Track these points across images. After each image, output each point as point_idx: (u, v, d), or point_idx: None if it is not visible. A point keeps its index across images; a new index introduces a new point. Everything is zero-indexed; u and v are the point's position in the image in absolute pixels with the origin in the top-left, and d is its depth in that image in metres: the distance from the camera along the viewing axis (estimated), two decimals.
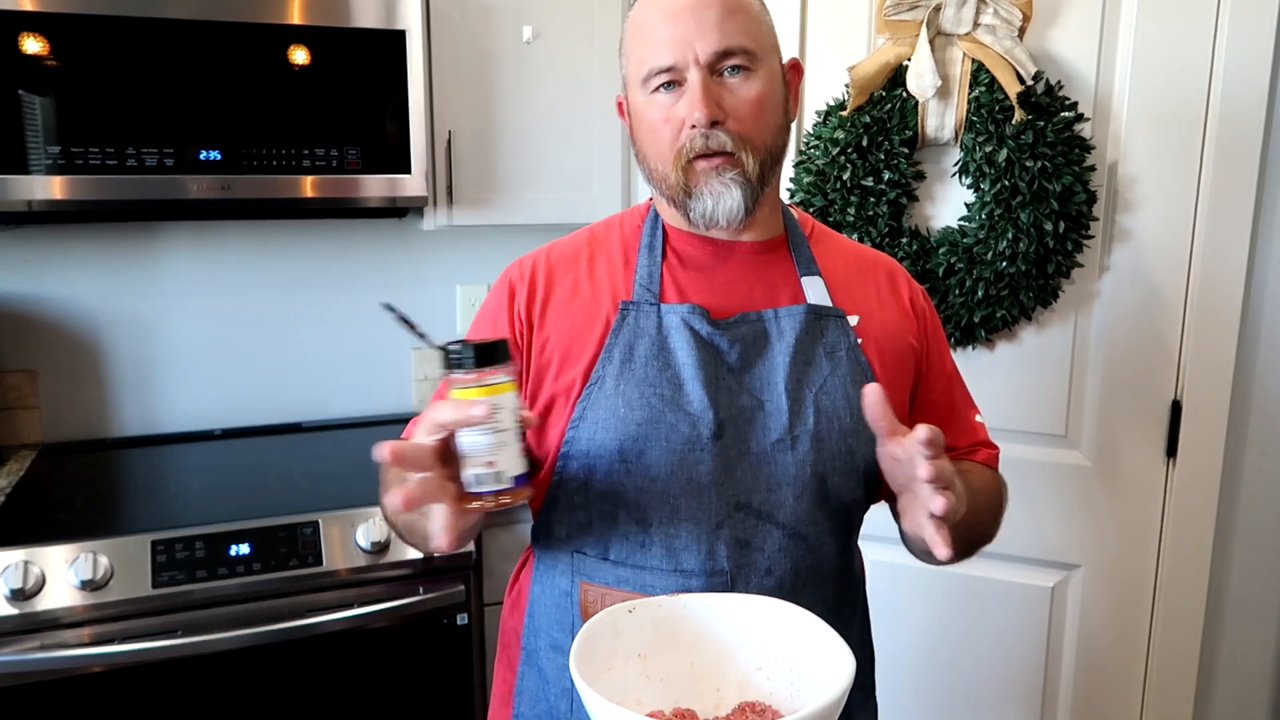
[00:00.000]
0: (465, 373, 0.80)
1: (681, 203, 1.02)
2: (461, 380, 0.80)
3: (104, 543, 1.59)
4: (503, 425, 0.80)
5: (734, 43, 0.97)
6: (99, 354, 2.15)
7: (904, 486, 0.90)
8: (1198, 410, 1.65)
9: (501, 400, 0.80)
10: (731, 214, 1.00)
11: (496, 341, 0.81)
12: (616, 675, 0.83)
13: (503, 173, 2.06)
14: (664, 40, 0.98)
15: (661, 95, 0.99)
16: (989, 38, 1.59)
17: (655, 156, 1.02)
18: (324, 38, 1.79)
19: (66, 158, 1.67)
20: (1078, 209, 1.59)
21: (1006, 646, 1.84)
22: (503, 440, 0.80)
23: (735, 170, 0.99)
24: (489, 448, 0.80)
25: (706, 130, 0.97)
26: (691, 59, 0.97)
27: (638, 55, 1.01)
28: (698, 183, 1.00)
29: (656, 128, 1.00)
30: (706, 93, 0.97)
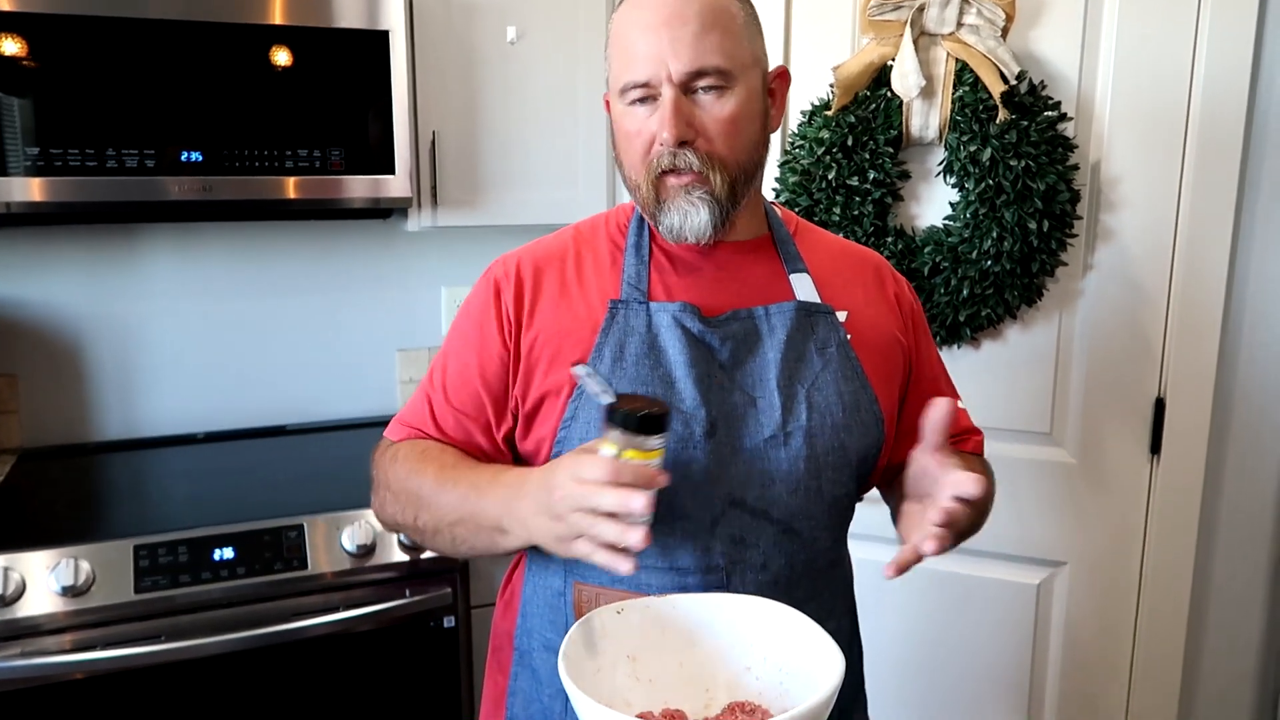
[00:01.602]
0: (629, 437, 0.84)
1: (652, 214, 1.03)
2: (625, 441, 0.84)
3: (85, 548, 1.58)
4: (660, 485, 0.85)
5: (707, 62, 0.96)
6: (80, 357, 2.12)
7: (914, 495, 0.93)
8: (1181, 407, 1.66)
9: (657, 463, 0.86)
10: (699, 232, 1.01)
11: (661, 413, 0.86)
12: (606, 677, 0.83)
13: (487, 173, 2.05)
14: (639, 55, 0.97)
15: (638, 107, 0.99)
16: (972, 38, 1.60)
17: (629, 165, 1.03)
18: (306, 38, 1.78)
19: (45, 159, 1.66)
20: (1061, 208, 1.60)
21: (993, 643, 1.84)
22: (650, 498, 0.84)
23: (704, 189, 0.99)
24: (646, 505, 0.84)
25: (674, 149, 0.97)
26: (665, 76, 0.96)
27: (616, 65, 1.01)
28: (667, 197, 1.00)
29: (630, 138, 1.01)
30: (677, 112, 0.96)
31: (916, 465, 0.92)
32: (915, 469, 0.93)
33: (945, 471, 0.87)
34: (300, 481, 1.91)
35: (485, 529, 0.96)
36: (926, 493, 0.91)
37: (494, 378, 1.05)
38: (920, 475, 0.92)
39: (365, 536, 1.68)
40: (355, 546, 1.68)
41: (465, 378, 1.07)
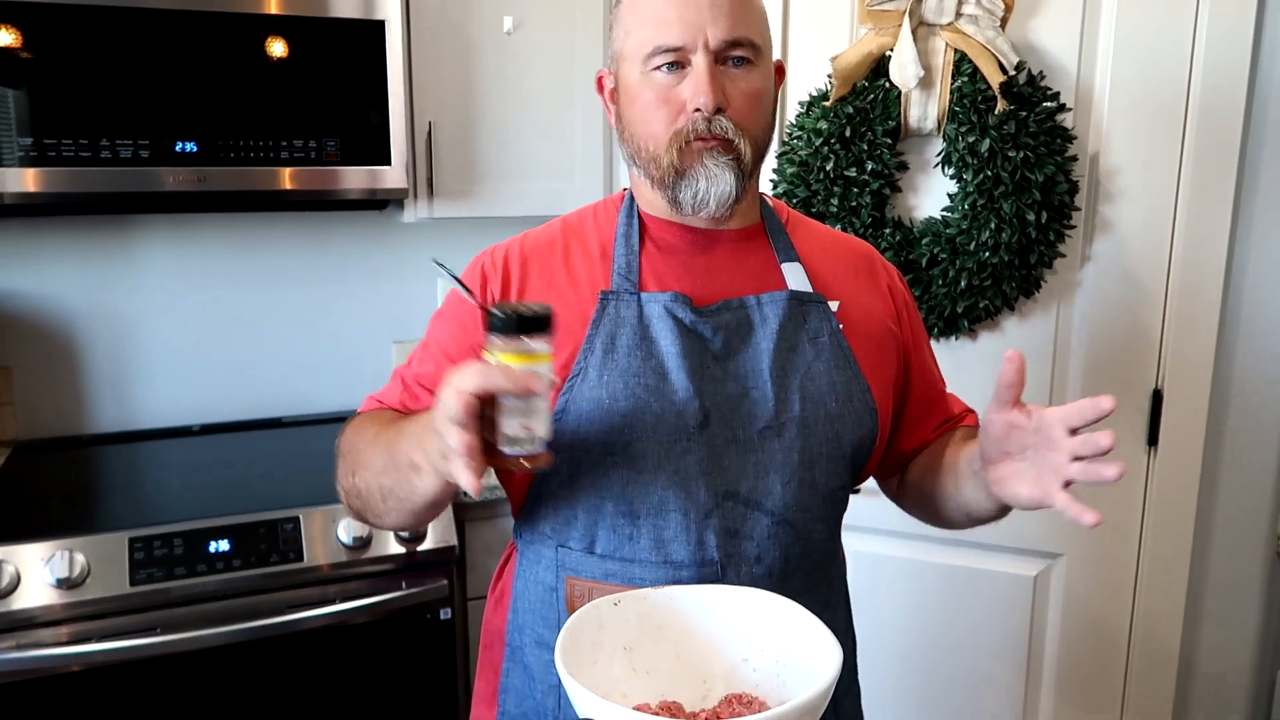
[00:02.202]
0: (508, 339, 0.80)
1: (670, 184, 1.00)
2: (505, 345, 0.81)
3: (80, 540, 1.57)
4: (540, 390, 0.80)
5: (743, 34, 0.97)
6: (74, 349, 2.12)
7: (1008, 453, 0.91)
8: (1178, 399, 1.66)
9: (544, 369, 0.81)
10: (723, 197, 0.99)
11: (541, 312, 0.81)
12: (602, 669, 0.82)
13: (484, 164, 2.04)
14: (673, 20, 0.96)
15: (661, 75, 0.98)
16: (971, 28, 1.59)
17: (647, 136, 1.00)
18: (302, 28, 1.77)
19: (39, 150, 1.65)
20: (1060, 199, 1.60)
21: (990, 635, 1.84)
22: (539, 405, 0.81)
23: (730, 155, 0.98)
24: (527, 412, 0.80)
25: (710, 115, 0.96)
26: (701, 42, 0.96)
27: (641, 32, 0.99)
28: (692, 164, 0.98)
29: (653, 107, 0.99)
30: (714, 79, 0.96)
31: (995, 428, 0.90)
32: (996, 430, 0.90)
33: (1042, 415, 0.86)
34: (296, 473, 1.91)
35: (403, 470, 0.92)
36: (1024, 446, 0.89)
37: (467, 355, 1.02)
38: (1004, 433, 0.89)
39: (361, 529, 1.68)
40: (351, 539, 1.68)
41: (439, 363, 1.05)
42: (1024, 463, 0.89)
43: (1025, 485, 0.89)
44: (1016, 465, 0.90)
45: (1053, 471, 0.86)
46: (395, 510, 0.98)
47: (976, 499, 0.99)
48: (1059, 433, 0.85)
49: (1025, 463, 0.89)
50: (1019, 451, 0.90)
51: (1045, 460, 0.87)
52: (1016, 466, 0.90)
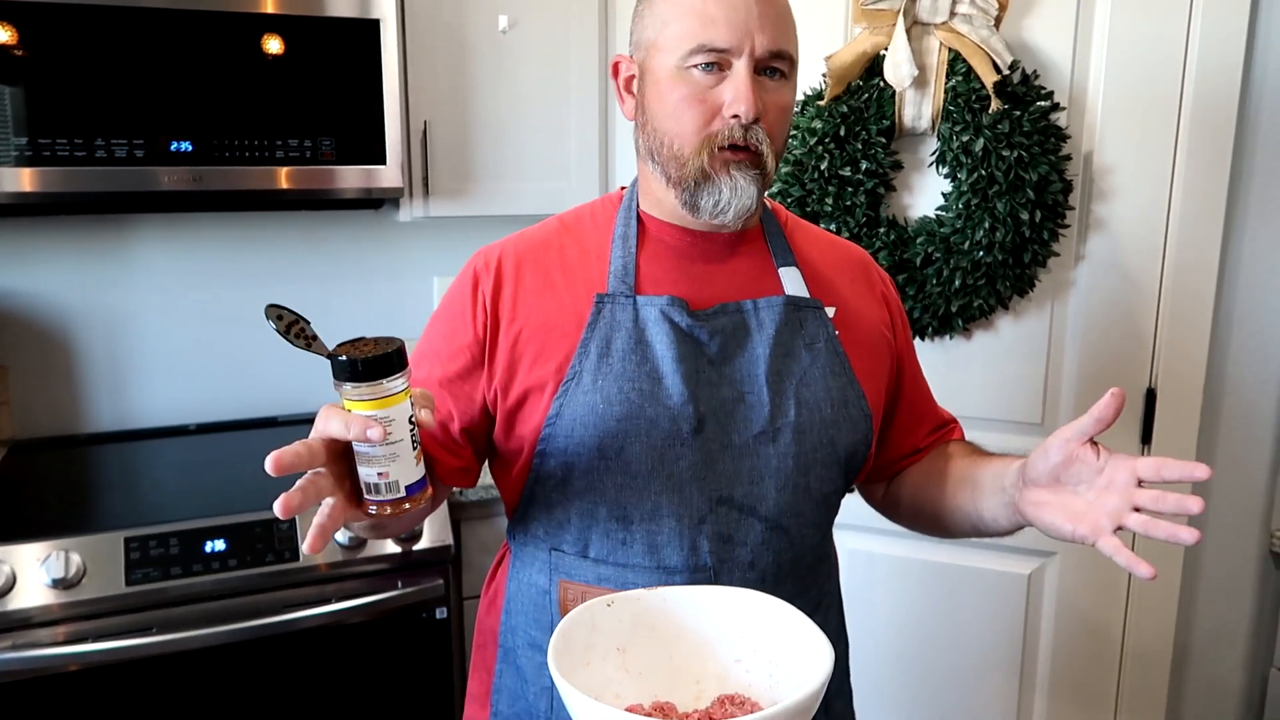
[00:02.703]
0: (355, 385, 0.77)
1: (691, 188, 0.97)
2: (353, 392, 0.77)
3: (76, 540, 1.57)
4: (395, 436, 0.77)
5: (785, 46, 0.96)
6: (70, 348, 2.12)
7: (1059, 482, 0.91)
8: (1172, 398, 1.67)
9: (394, 412, 0.77)
10: (743, 210, 0.98)
11: (388, 352, 0.77)
12: (595, 670, 0.82)
13: (479, 163, 2.04)
14: (720, 19, 0.93)
15: (699, 73, 0.95)
16: (965, 27, 1.59)
17: (675, 134, 0.97)
18: (297, 27, 1.77)
19: (35, 149, 1.65)
20: (1054, 198, 1.60)
21: (985, 633, 1.85)
22: (394, 451, 0.78)
23: (757, 169, 0.97)
24: (381, 459, 0.78)
25: (748, 124, 0.94)
26: (747, 48, 0.93)
27: (682, 25, 0.95)
28: (718, 172, 0.96)
29: (686, 105, 0.96)
30: (755, 87, 0.94)
31: (1060, 453, 0.89)
32: (1057, 456, 0.89)
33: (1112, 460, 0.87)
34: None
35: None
36: (1079, 481, 0.89)
37: (461, 369, 1.02)
38: (1065, 461, 0.89)
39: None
40: (347, 538, 1.68)
41: (430, 367, 1.04)
42: (1074, 497, 0.89)
43: (1068, 518, 0.89)
44: (1065, 498, 0.90)
45: (1108, 514, 0.86)
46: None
47: (995, 515, 0.99)
48: (1126, 478, 0.85)
49: (1075, 497, 0.89)
50: (1071, 484, 0.90)
51: (1100, 501, 0.87)
52: (1064, 499, 0.90)
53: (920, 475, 1.14)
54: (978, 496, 1.02)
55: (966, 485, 1.05)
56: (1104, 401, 0.86)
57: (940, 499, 1.09)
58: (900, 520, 1.20)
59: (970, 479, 1.05)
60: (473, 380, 1.02)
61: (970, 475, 1.05)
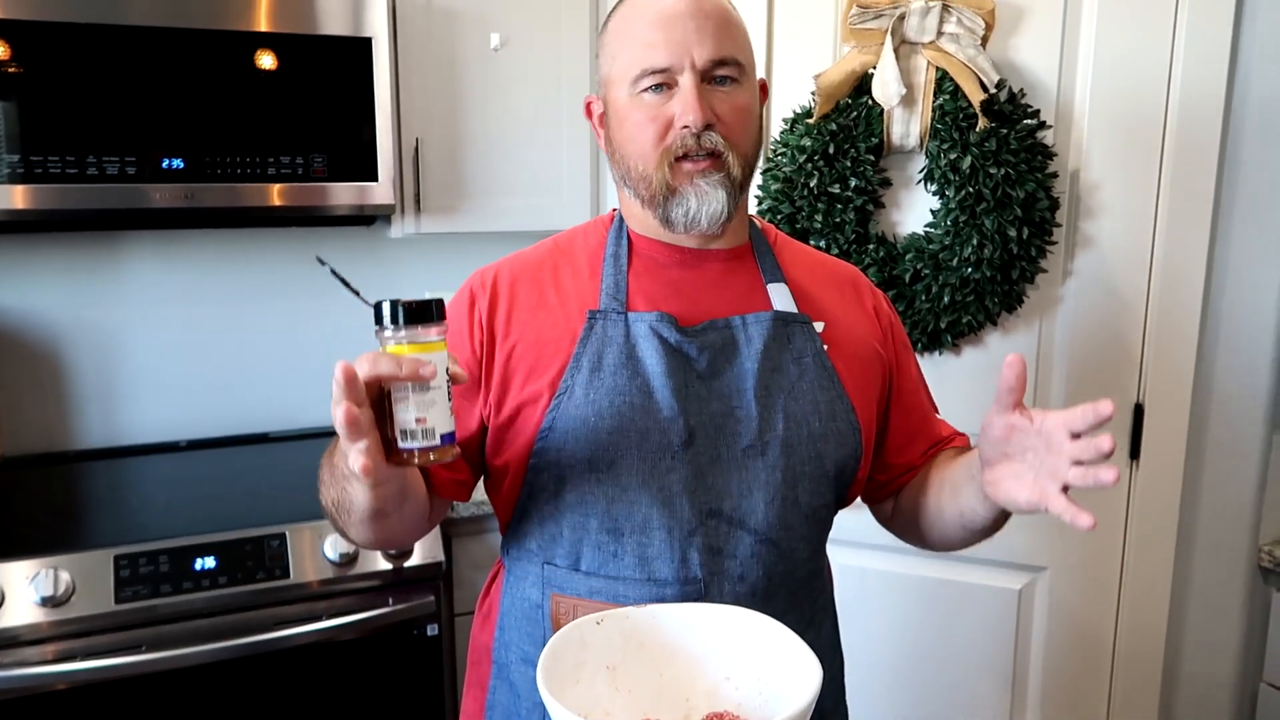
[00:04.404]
0: (397, 330, 0.80)
1: (662, 204, 1.01)
2: (394, 337, 0.80)
3: (65, 558, 1.57)
4: (434, 383, 0.79)
5: (729, 53, 0.99)
6: (60, 365, 2.11)
7: (1007, 455, 0.91)
8: (1159, 413, 1.67)
9: (434, 358, 0.80)
10: (715, 216, 1.01)
11: (430, 300, 0.81)
12: (585, 688, 0.83)
13: (471, 180, 2.05)
14: (659, 42, 0.98)
15: (649, 95, 0.99)
16: (952, 46, 1.61)
17: (637, 155, 1.02)
18: (290, 45, 1.78)
19: (27, 166, 1.65)
20: (1041, 215, 1.61)
21: (976, 648, 1.85)
22: (433, 398, 0.80)
23: (720, 173, 1.00)
24: (420, 405, 0.80)
25: (699, 131, 0.98)
26: (687, 63, 0.98)
27: (628, 56, 1.01)
28: (682, 183, 1.00)
29: (641, 126, 1.00)
30: (701, 96, 0.98)
31: (997, 428, 0.90)
32: (995, 433, 0.90)
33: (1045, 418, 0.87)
34: (283, 490, 1.91)
35: (340, 480, 0.93)
36: (1025, 449, 0.89)
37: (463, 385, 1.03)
38: (1003, 436, 0.90)
39: (348, 545, 1.68)
40: (338, 555, 1.68)
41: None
42: (1022, 465, 0.89)
43: (1023, 488, 0.89)
44: (1015, 467, 0.90)
45: (1050, 475, 0.86)
46: (356, 524, 0.97)
47: (972, 506, 0.99)
48: (1060, 436, 0.85)
49: (1023, 465, 0.89)
50: (1019, 454, 0.90)
51: (1044, 464, 0.87)
52: (1015, 468, 0.90)
53: (915, 488, 1.15)
54: (957, 494, 1.03)
55: (947, 486, 1.06)
56: (1004, 373, 0.88)
57: (928, 506, 1.10)
58: (909, 538, 1.20)
59: (949, 479, 1.06)
60: (470, 397, 1.04)
61: (948, 475, 1.06)
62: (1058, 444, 0.86)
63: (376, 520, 0.94)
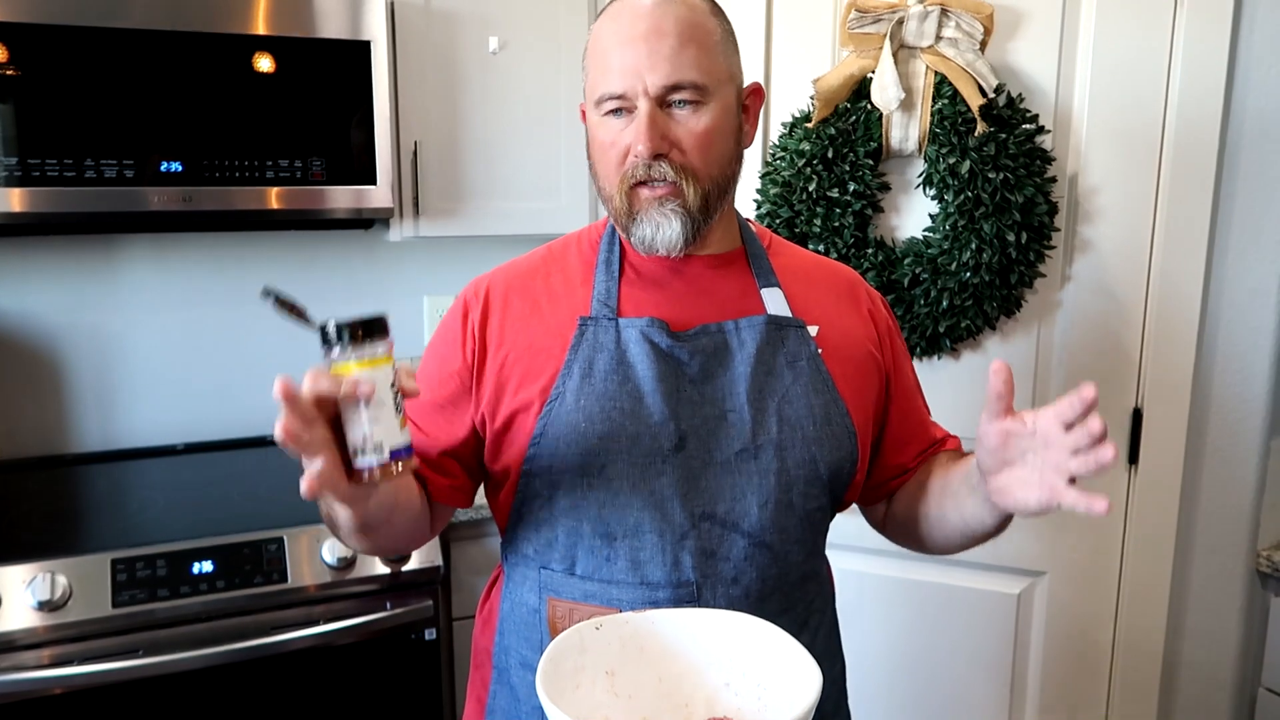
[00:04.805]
0: (342, 349, 0.80)
1: (625, 226, 1.03)
2: (339, 357, 0.81)
3: (62, 562, 1.56)
4: (379, 398, 0.80)
5: (684, 77, 0.97)
6: (58, 368, 2.11)
7: (1008, 462, 0.90)
8: (1158, 418, 1.68)
9: (378, 374, 0.80)
10: (670, 244, 1.01)
11: (372, 317, 0.81)
12: (584, 693, 0.82)
13: (469, 183, 2.05)
14: (615, 68, 0.98)
15: (612, 119, 1.00)
16: (951, 50, 1.61)
17: (603, 176, 1.03)
18: (288, 48, 1.78)
19: (24, 169, 1.65)
20: (1039, 220, 1.61)
21: (975, 653, 1.85)
22: (377, 415, 0.80)
23: (676, 201, 0.99)
24: (367, 421, 0.80)
25: (649, 161, 0.98)
26: (641, 89, 0.97)
27: (592, 76, 1.01)
28: (640, 209, 1.00)
29: (605, 149, 1.01)
30: (652, 125, 0.97)
31: (992, 436, 0.90)
32: (990, 442, 0.90)
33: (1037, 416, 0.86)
34: (280, 493, 1.91)
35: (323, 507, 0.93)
36: (1023, 451, 0.89)
37: (450, 395, 1.06)
38: (1000, 443, 0.89)
39: (346, 550, 1.68)
40: (336, 559, 1.67)
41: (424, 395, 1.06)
42: (1025, 469, 0.89)
43: (1031, 490, 0.88)
44: (1018, 472, 0.90)
45: (1055, 469, 0.85)
46: (345, 537, 0.97)
47: (978, 515, 0.99)
48: (1055, 431, 0.85)
49: (1026, 469, 0.89)
50: (1019, 459, 0.89)
51: (1046, 462, 0.87)
52: (1018, 474, 0.90)
53: (909, 495, 1.15)
54: (960, 504, 1.03)
55: (948, 494, 1.05)
56: (991, 380, 0.88)
57: (928, 513, 1.09)
58: (904, 542, 1.20)
59: (948, 487, 1.05)
60: (461, 405, 1.05)
61: (947, 483, 1.06)
62: (1054, 439, 0.85)
63: (365, 534, 0.95)
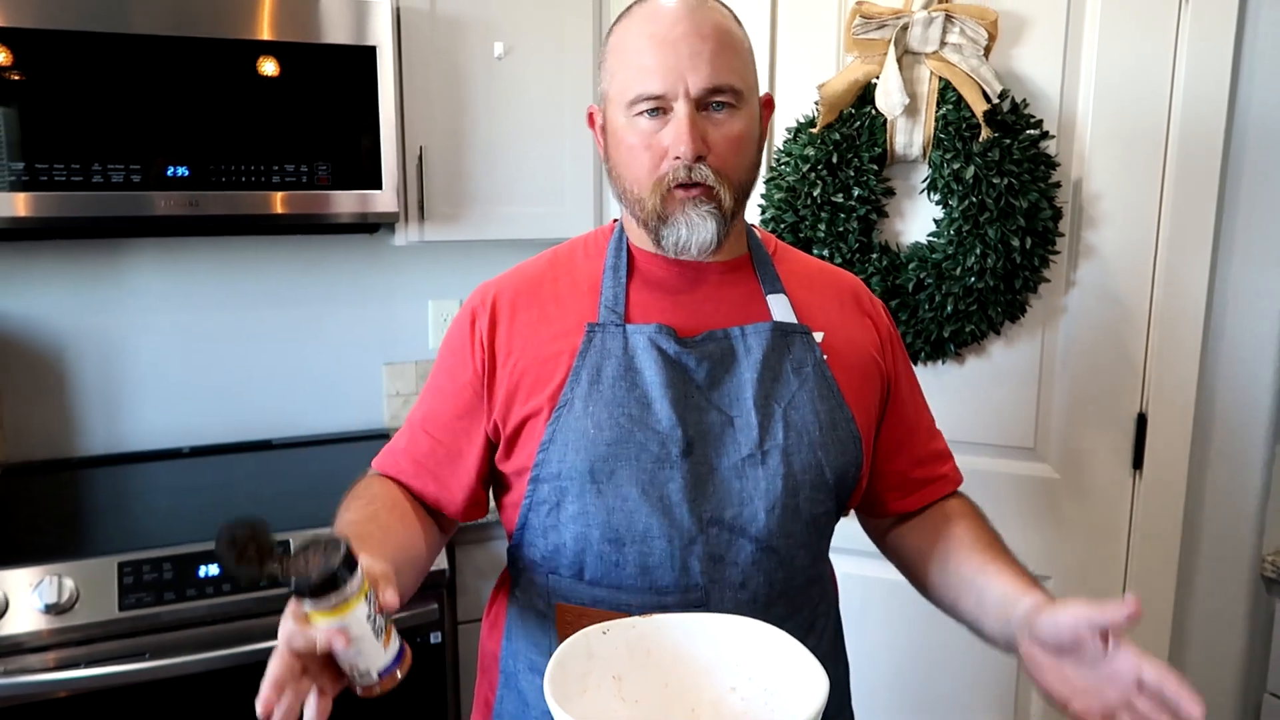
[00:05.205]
0: (313, 601, 0.79)
1: (654, 228, 1.02)
2: (311, 605, 0.80)
3: (69, 565, 1.57)
4: (358, 634, 0.81)
5: (724, 80, 0.98)
6: (64, 372, 2.12)
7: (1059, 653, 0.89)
8: (1162, 423, 1.68)
9: (351, 616, 0.80)
10: (704, 245, 1.01)
11: (334, 568, 0.78)
12: (591, 698, 0.83)
13: (474, 188, 2.06)
14: (654, 67, 0.97)
15: (644, 120, 0.99)
16: (955, 56, 1.61)
17: (632, 179, 1.02)
18: (294, 53, 1.78)
19: (31, 174, 1.65)
20: (1044, 225, 1.62)
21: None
22: (358, 649, 0.81)
23: (712, 203, 1.00)
24: (350, 655, 0.81)
25: (690, 163, 0.98)
26: (681, 91, 0.97)
27: (624, 77, 1.00)
28: (675, 211, 1.00)
29: (636, 152, 1.00)
30: (694, 127, 0.97)
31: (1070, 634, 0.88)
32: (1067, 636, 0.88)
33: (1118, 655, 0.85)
34: (286, 496, 1.91)
35: None
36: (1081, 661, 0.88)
37: (464, 407, 1.07)
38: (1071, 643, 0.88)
39: None
40: None
41: (434, 405, 1.09)
42: (1073, 670, 0.88)
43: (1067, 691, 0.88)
44: (1066, 669, 0.89)
45: (1104, 705, 0.85)
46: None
47: (994, 637, 0.99)
48: (1128, 677, 0.84)
49: (1074, 672, 0.88)
50: (1074, 659, 0.89)
51: (1101, 689, 0.86)
52: (1065, 670, 0.89)
53: (920, 545, 1.14)
54: (981, 613, 1.02)
55: (972, 593, 1.04)
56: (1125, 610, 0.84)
57: (943, 588, 1.09)
58: (899, 568, 1.20)
59: (976, 588, 1.04)
60: (475, 415, 1.06)
61: (976, 584, 1.04)
62: (1122, 681, 0.85)
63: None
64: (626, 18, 1.03)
